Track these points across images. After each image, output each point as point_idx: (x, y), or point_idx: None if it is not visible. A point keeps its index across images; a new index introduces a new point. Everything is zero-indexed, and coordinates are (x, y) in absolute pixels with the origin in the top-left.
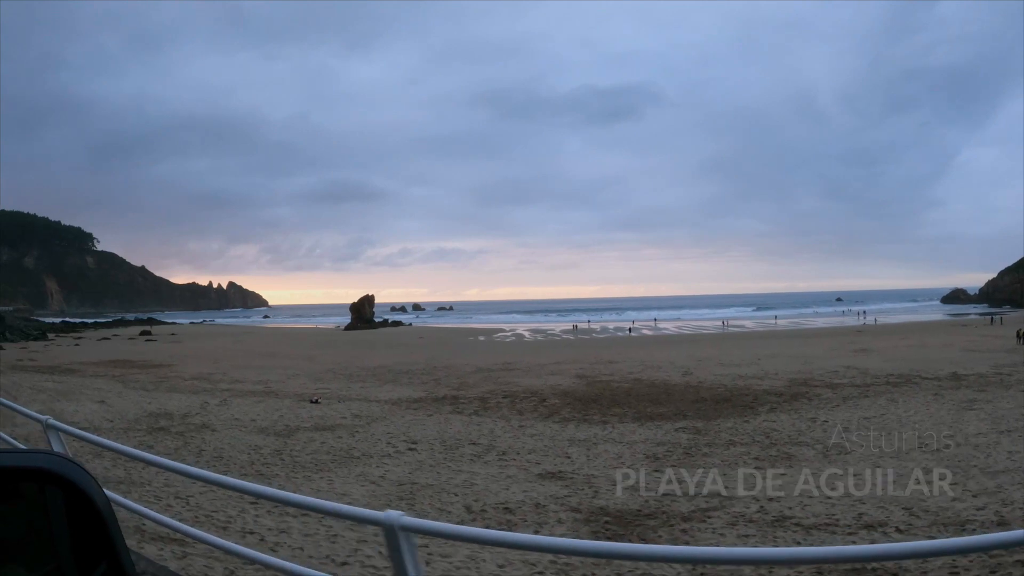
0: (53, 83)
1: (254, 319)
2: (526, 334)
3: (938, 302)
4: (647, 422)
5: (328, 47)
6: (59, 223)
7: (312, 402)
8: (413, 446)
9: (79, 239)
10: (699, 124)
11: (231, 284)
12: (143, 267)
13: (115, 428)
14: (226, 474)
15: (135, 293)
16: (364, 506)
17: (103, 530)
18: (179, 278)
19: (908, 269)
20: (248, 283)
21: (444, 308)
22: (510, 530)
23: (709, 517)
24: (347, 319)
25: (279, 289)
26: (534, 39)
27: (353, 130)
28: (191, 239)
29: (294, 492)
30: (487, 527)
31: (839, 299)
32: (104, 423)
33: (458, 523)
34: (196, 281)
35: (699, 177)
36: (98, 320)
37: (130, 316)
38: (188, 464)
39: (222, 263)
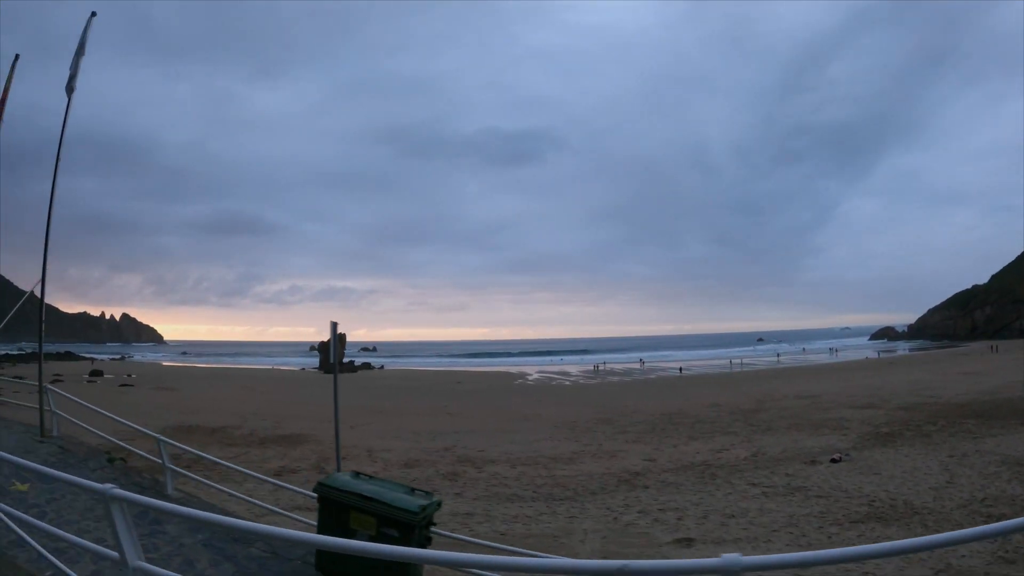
0: None
1: (176, 356)
2: (556, 375)
3: (866, 339)
4: None
5: (235, 71)
6: None
7: (833, 461)
8: None
9: None
10: (598, 171)
11: (124, 316)
12: (32, 292)
13: None
14: None
15: (22, 320)
16: None
17: None
18: (64, 306)
19: (792, 311)
20: (134, 315)
21: (367, 349)
22: None
23: None
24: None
25: (163, 323)
26: (443, 78)
27: (251, 160)
28: (73, 264)
29: None
30: None
31: (760, 339)
32: None
33: None
34: (87, 311)
35: (594, 222)
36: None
37: (28, 347)
38: None
39: (105, 292)
